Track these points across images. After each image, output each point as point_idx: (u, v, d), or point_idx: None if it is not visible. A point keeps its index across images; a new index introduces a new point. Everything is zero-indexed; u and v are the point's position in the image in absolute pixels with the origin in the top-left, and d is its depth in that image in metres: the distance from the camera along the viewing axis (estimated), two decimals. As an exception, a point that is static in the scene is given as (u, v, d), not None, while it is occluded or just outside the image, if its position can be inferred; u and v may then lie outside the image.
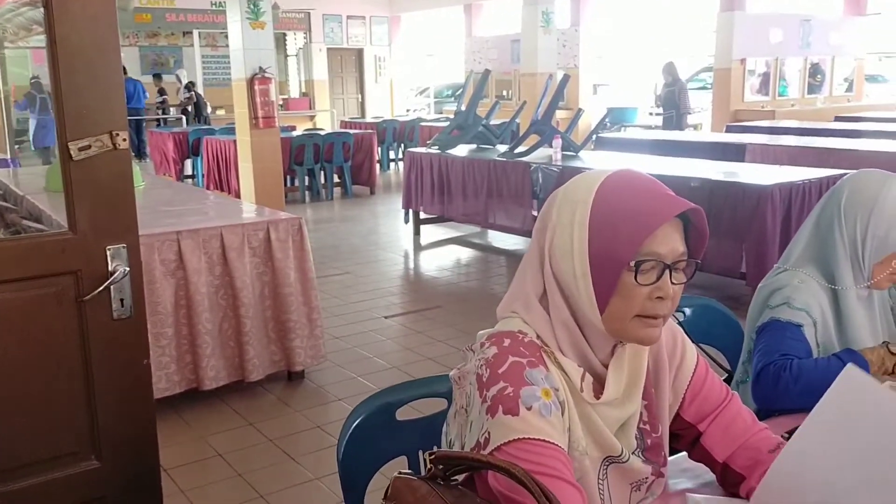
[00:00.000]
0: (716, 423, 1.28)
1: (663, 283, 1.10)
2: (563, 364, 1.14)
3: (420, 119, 13.33)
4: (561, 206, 1.15)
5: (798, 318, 1.67)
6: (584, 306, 1.12)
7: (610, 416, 1.17)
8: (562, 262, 1.13)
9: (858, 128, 9.02)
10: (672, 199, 1.11)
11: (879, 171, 1.77)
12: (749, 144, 7.44)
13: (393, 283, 5.95)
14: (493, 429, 1.07)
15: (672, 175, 5.65)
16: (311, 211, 9.08)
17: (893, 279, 1.71)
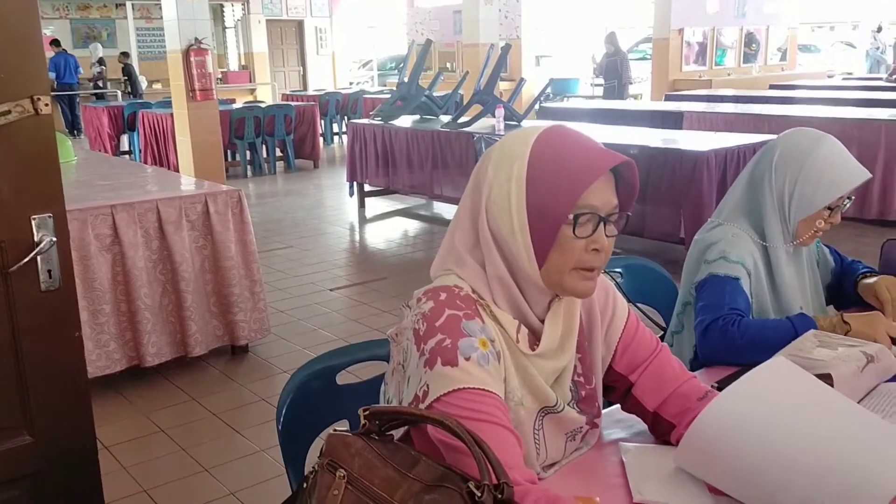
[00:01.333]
0: (646, 374, 1.31)
1: (598, 236, 1.13)
2: (498, 317, 1.15)
3: (363, 91, 13.18)
4: (497, 162, 1.15)
5: (735, 271, 1.71)
6: (521, 261, 1.13)
7: (545, 368, 1.19)
8: (499, 217, 1.14)
9: (792, 95, 9.25)
10: (606, 153, 1.13)
11: (814, 130, 1.81)
12: (687, 112, 7.58)
13: (338, 255, 5.92)
14: (431, 381, 1.08)
15: (612, 143, 5.71)
16: (254, 185, 8.94)
17: (816, 236, 1.77)
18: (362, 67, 19.47)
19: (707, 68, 12.90)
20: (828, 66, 16.58)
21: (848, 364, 1.32)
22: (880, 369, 1.39)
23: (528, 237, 1.12)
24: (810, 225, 1.74)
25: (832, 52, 19.44)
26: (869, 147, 5.89)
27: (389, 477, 0.94)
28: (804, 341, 1.45)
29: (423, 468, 0.94)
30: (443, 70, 12.11)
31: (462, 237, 1.19)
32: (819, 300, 1.92)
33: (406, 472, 0.94)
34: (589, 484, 1.23)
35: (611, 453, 1.32)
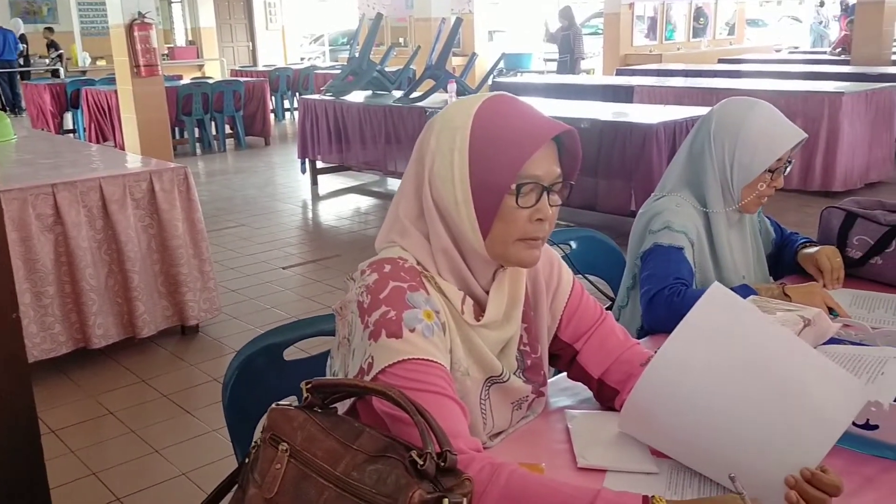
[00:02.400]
0: (591, 342, 1.33)
1: (542, 205, 1.13)
2: (443, 288, 1.15)
3: (314, 67, 12.99)
4: (440, 133, 1.15)
5: (679, 240, 1.74)
6: (466, 232, 1.13)
7: (490, 338, 1.19)
8: (442, 188, 1.13)
9: (739, 69, 9.39)
10: (547, 123, 1.12)
11: (745, 98, 1.84)
12: (637, 86, 7.63)
13: (291, 233, 5.85)
14: (376, 353, 1.07)
15: (564, 116, 5.75)
16: (203, 163, 8.77)
17: (760, 202, 1.81)
18: (314, 42, 19.19)
19: (657, 43, 13.01)
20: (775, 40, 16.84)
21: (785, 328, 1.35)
22: (817, 333, 1.43)
23: (472, 208, 1.12)
24: (753, 190, 1.77)
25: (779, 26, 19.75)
26: (813, 120, 6.01)
27: (332, 449, 0.94)
28: (744, 307, 1.47)
29: (366, 439, 0.94)
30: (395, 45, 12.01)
31: (406, 208, 1.18)
32: (762, 270, 1.96)
33: (349, 443, 0.94)
34: (535, 450, 1.24)
35: (556, 420, 1.33)
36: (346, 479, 0.91)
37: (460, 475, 0.90)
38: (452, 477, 0.89)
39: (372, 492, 0.88)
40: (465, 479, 0.90)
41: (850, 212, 1.96)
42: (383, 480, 0.88)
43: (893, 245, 1.86)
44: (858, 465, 1.16)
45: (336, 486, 0.91)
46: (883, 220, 1.90)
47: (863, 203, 2.01)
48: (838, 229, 1.95)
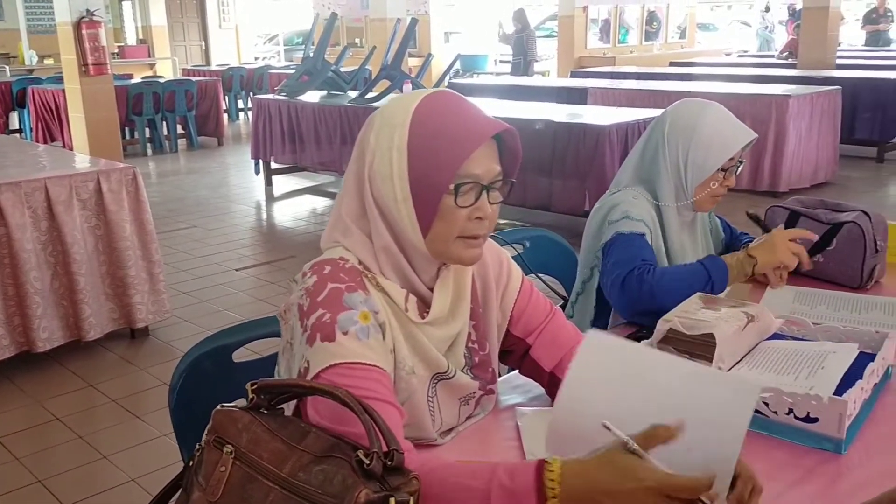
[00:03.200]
0: (542, 336, 1.34)
1: (482, 204, 1.13)
2: (385, 287, 1.14)
3: (269, 66, 12.85)
4: (379, 130, 1.14)
5: (639, 228, 1.76)
6: (406, 230, 1.12)
7: (436, 336, 1.19)
8: (382, 186, 1.12)
9: (690, 72, 9.56)
10: (486, 121, 1.12)
11: (698, 100, 1.88)
12: (591, 89, 7.72)
13: (244, 235, 5.78)
14: (311, 357, 1.06)
15: (519, 118, 5.79)
16: (154, 164, 8.62)
17: (714, 201, 1.84)
18: (268, 42, 18.99)
19: (611, 46, 13.17)
20: (725, 44, 17.18)
21: (730, 324, 1.38)
22: (760, 328, 1.46)
23: (412, 207, 1.11)
24: (706, 188, 1.80)
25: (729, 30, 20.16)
26: (761, 122, 6.15)
27: (278, 450, 0.93)
28: (690, 304, 1.50)
29: (312, 440, 0.93)
30: (351, 45, 11.96)
31: (348, 207, 1.17)
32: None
33: (295, 444, 0.93)
34: (485, 448, 1.25)
35: (507, 418, 1.34)
36: (292, 481, 0.90)
37: (408, 474, 0.90)
38: (400, 476, 0.89)
39: (318, 492, 0.88)
40: (413, 478, 0.90)
41: (794, 211, 2.01)
42: (329, 481, 0.88)
43: (834, 243, 1.90)
44: (799, 457, 1.19)
45: (282, 487, 0.90)
46: (825, 218, 1.95)
47: (806, 202, 2.06)
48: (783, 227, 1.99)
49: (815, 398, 1.20)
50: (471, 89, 8.81)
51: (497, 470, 0.93)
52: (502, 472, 0.92)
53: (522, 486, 0.89)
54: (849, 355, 1.38)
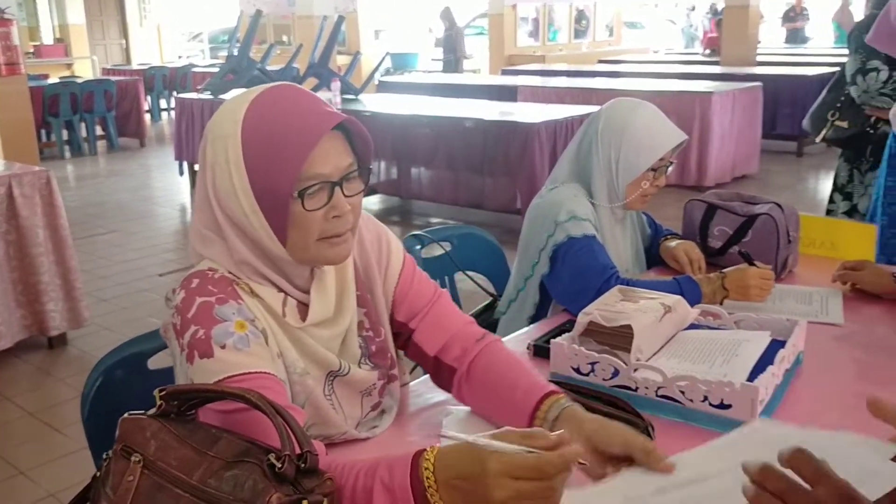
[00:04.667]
0: (426, 320, 1.28)
1: (336, 202, 1.07)
2: (260, 293, 1.10)
3: (192, 65, 12.57)
4: (213, 143, 1.07)
5: (588, 229, 1.77)
6: (265, 241, 1.07)
7: (323, 336, 1.15)
8: (229, 202, 1.06)
9: (618, 69, 9.75)
10: (320, 116, 1.05)
11: (631, 99, 1.91)
12: (521, 86, 7.80)
13: (168, 239, 5.62)
14: (194, 376, 1.03)
15: (449, 115, 5.80)
16: (73, 166, 8.32)
17: (645, 200, 1.86)
18: (192, 40, 18.54)
19: (540, 44, 13.32)
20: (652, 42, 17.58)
21: (647, 315, 1.40)
22: (677, 319, 1.49)
23: (263, 219, 1.05)
24: (637, 187, 1.83)
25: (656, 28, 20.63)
26: (686, 118, 6.30)
27: (188, 457, 0.89)
28: (610, 296, 1.52)
29: (224, 445, 0.90)
30: (278, 43, 11.78)
31: (203, 220, 1.11)
32: (640, 264, 2.03)
33: (206, 450, 0.90)
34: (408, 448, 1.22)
35: (433, 415, 1.32)
36: (203, 488, 0.87)
37: (321, 475, 0.88)
38: (314, 478, 0.87)
39: (229, 498, 0.85)
40: (327, 479, 0.88)
41: (711, 204, 2.06)
42: (241, 486, 0.85)
43: (750, 234, 1.96)
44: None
45: (192, 495, 0.87)
46: (740, 211, 2.01)
47: (722, 195, 2.11)
48: (700, 221, 2.04)
49: (728, 385, 1.22)
50: (402, 87, 8.79)
51: (378, 467, 0.93)
52: (383, 469, 0.92)
53: (399, 481, 0.90)
54: (761, 343, 1.42)
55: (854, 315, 1.71)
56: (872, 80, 2.36)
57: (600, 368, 1.35)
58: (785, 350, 1.35)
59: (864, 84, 2.38)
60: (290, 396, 1.10)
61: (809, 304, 1.77)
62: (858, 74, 2.39)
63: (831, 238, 2.10)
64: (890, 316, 1.72)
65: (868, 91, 2.38)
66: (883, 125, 2.43)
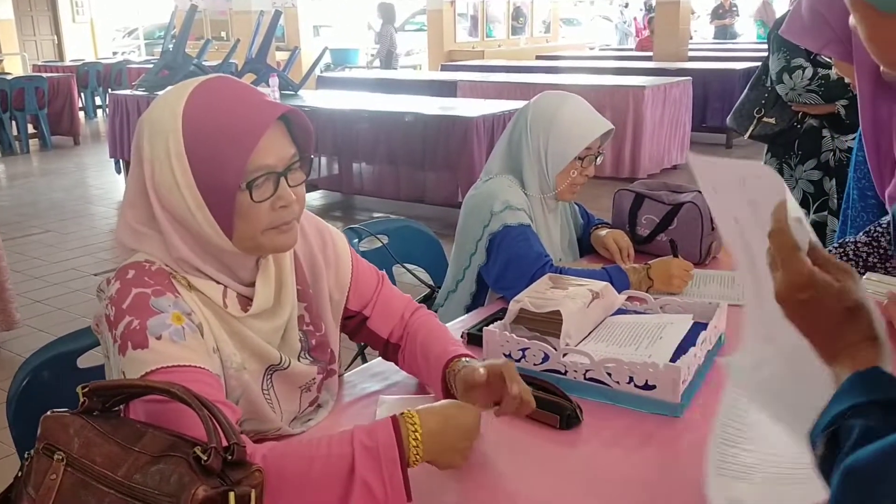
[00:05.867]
0: (377, 306, 1.36)
1: (282, 192, 1.08)
2: (198, 286, 1.09)
3: (127, 61, 12.25)
4: (151, 137, 1.06)
5: (523, 218, 1.81)
6: (210, 236, 1.07)
7: (264, 328, 1.15)
8: (171, 197, 1.05)
9: (555, 65, 9.87)
10: (263, 107, 1.06)
11: (558, 92, 1.95)
12: (460, 82, 7.83)
13: (104, 238, 5.48)
14: (126, 367, 1.02)
15: (389, 110, 5.80)
16: (4, 166, 8.05)
17: (574, 189, 1.91)
18: (127, 36, 18.08)
19: (479, 40, 13.39)
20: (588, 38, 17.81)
21: (576, 301, 1.44)
22: (605, 304, 1.53)
23: (208, 213, 1.05)
24: (566, 177, 1.87)
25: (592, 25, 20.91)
26: (621, 112, 6.43)
27: (112, 453, 0.89)
28: (540, 284, 1.55)
29: (149, 440, 0.90)
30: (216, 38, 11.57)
31: (137, 215, 1.09)
32: (573, 253, 2.08)
33: (131, 446, 0.90)
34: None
35: (366, 405, 1.34)
36: (128, 483, 0.87)
37: (249, 467, 0.88)
38: (241, 469, 0.87)
39: (155, 493, 0.85)
40: (255, 471, 0.88)
41: (639, 193, 2.11)
42: (166, 480, 0.85)
43: (676, 222, 2.02)
44: (640, 422, 1.26)
45: (118, 491, 0.87)
46: (667, 199, 2.07)
47: (650, 185, 2.18)
48: (629, 210, 2.10)
49: (652, 366, 1.27)
50: (342, 83, 8.74)
51: (354, 433, 0.99)
52: (361, 434, 0.99)
53: (384, 440, 0.98)
54: (684, 325, 1.47)
55: (774, 298, 1.78)
56: (798, 77, 2.42)
57: (531, 354, 1.38)
58: (706, 332, 1.40)
59: (790, 82, 2.44)
60: (226, 392, 1.10)
61: (731, 288, 1.84)
62: (784, 73, 2.45)
63: (754, 225, 2.17)
64: (807, 298, 1.79)
65: (795, 89, 2.44)
66: (809, 119, 2.51)
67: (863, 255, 1.74)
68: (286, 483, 0.97)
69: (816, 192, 2.52)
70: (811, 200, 2.53)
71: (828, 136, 2.50)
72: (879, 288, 1.56)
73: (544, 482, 1.12)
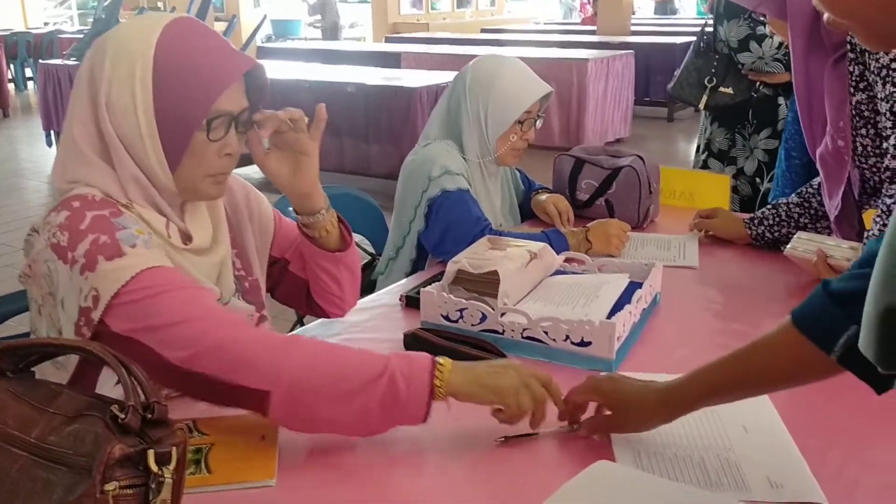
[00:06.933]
0: (297, 251, 1.37)
1: (230, 139, 1.11)
2: (143, 216, 1.09)
3: (59, 31, 11.79)
4: (115, 57, 1.05)
5: (462, 183, 1.78)
6: (153, 166, 1.08)
7: (203, 263, 1.17)
8: (124, 119, 1.05)
9: (500, 38, 9.84)
10: (238, 56, 1.11)
11: (497, 55, 1.94)
12: (404, 53, 7.75)
13: (36, 212, 5.28)
14: (99, 282, 0.99)
15: (330, 81, 5.71)
16: (-75, 141, 7.69)
17: (515, 154, 1.89)
18: (60, 6, 17.38)
19: (424, 13, 13.27)
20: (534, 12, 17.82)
21: (513, 261, 1.43)
22: (543, 265, 1.53)
23: (158, 142, 1.06)
24: (506, 141, 1.85)
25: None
26: (564, 84, 6.45)
27: (25, 414, 0.84)
28: (479, 245, 1.54)
29: (65, 400, 0.86)
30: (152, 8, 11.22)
31: (83, 135, 1.08)
32: (515, 218, 2.07)
33: (45, 407, 0.85)
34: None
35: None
36: (42, 445, 0.82)
37: (171, 425, 0.85)
38: (162, 428, 0.84)
39: (70, 454, 0.81)
40: (177, 429, 0.85)
41: (579, 158, 2.12)
42: (82, 440, 0.81)
43: (614, 186, 2.03)
44: (575, 378, 1.24)
45: (31, 453, 0.82)
46: (606, 164, 2.07)
47: (589, 150, 2.18)
48: (569, 174, 2.10)
49: (588, 323, 1.27)
50: (283, 53, 8.60)
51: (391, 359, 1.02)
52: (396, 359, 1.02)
53: (417, 357, 1.03)
54: (620, 284, 1.48)
55: (709, 259, 1.81)
56: (768, 46, 2.37)
57: (469, 314, 1.37)
58: (642, 290, 1.41)
59: (759, 50, 2.38)
60: None
61: (668, 251, 1.86)
62: (751, 41, 2.38)
63: (690, 189, 2.21)
64: (741, 258, 1.83)
65: (763, 57, 2.38)
66: (763, 88, 2.49)
67: (794, 216, 1.77)
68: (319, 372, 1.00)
69: (771, 161, 2.48)
70: (765, 170, 2.51)
71: (783, 104, 2.47)
72: (809, 246, 1.58)
73: (481, 439, 1.11)
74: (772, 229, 1.81)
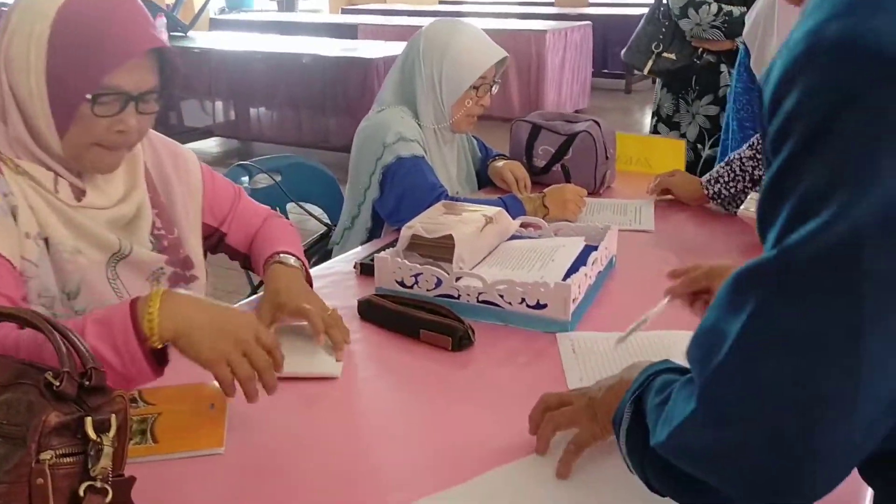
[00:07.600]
0: (234, 222, 1.36)
1: (125, 116, 1.07)
2: (28, 170, 1.07)
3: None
4: (22, 12, 1.05)
5: (416, 150, 1.75)
6: (41, 128, 1.06)
7: (101, 216, 1.14)
8: (18, 75, 1.05)
9: (460, 10, 9.75)
10: (142, 35, 1.06)
11: (450, 19, 1.90)
12: (361, 25, 7.65)
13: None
14: None
15: (286, 52, 5.60)
16: None
17: (470, 120, 1.86)
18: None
19: (383, -17, 13.06)
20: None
21: (469, 226, 1.41)
22: (499, 230, 1.51)
23: (48, 105, 1.05)
24: (461, 107, 1.82)
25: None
26: (523, 56, 6.43)
27: (-47, 386, 0.81)
28: (434, 210, 1.52)
29: (-4, 369, 0.82)
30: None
31: None
32: (472, 184, 2.05)
33: (-25, 376, 0.81)
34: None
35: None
36: (-27, 416, 0.79)
37: (109, 392, 0.82)
38: (100, 395, 0.81)
39: (2, 423, 0.77)
40: (117, 396, 0.82)
41: (535, 124, 2.10)
42: (15, 409, 0.77)
43: (571, 152, 2.02)
44: (531, 341, 1.25)
45: (-39, 425, 0.79)
46: (562, 130, 2.06)
47: (546, 115, 2.17)
48: (525, 141, 2.09)
49: (543, 285, 1.26)
50: (237, 25, 8.41)
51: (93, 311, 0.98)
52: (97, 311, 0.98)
53: (118, 312, 0.95)
54: (576, 247, 1.47)
55: (664, 222, 1.82)
56: (704, 13, 2.41)
57: (424, 280, 1.35)
58: (597, 252, 1.40)
59: (696, 17, 2.42)
60: (63, 278, 1.10)
61: (624, 215, 1.86)
62: (690, 8, 2.42)
63: (646, 155, 2.21)
64: (695, 221, 1.84)
65: (700, 24, 2.42)
66: (706, 55, 2.52)
67: (749, 170, 1.78)
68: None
69: (712, 128, 2.54)
70: (707, 136, 2.56)
71: (725, 71, 2.51)
72: None
73: (436, 402, 1.10)
74: (728, 186, 1.82)
